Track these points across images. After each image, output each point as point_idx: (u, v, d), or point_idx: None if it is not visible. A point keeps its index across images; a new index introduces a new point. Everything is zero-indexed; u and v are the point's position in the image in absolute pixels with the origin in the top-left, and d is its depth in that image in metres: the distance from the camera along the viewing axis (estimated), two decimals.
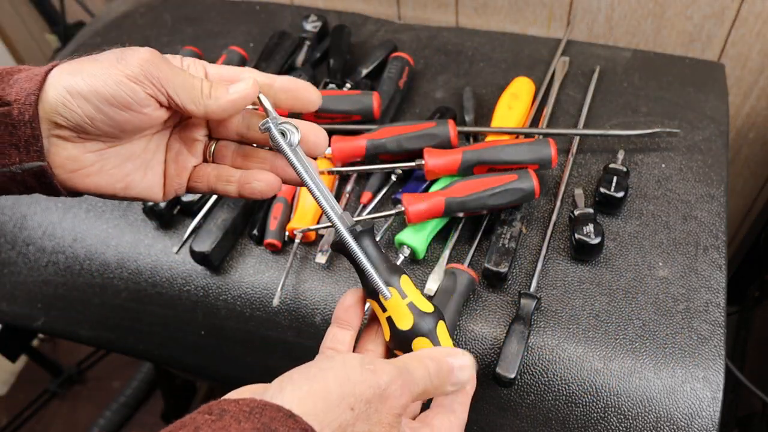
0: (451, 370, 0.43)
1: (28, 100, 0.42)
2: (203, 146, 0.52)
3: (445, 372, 0.42)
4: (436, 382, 0.42)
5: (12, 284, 0.84)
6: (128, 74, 0.43)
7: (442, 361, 0.42)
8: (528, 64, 0.94)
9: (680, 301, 0.66)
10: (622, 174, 0.74)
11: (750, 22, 0.96)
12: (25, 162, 0.44)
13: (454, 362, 0.43)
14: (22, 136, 0.43)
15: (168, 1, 1.15)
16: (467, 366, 0.43)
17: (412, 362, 0.41)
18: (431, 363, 0.42)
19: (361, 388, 0.37)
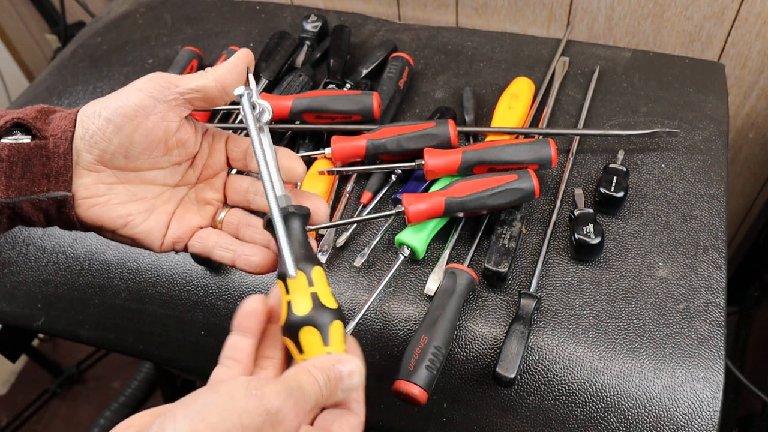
0: (340, 378, 0.42)
1: (65, 136, 0.47)
2: (214, 210, 0.55)
3: (335, 381, 0.42)
4: (327, 392, 0.41)
5: (12, 284, 0.84)
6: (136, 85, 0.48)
7: (331, 370, 0.42)
8: (528, 64, 0.94)
9: (680, 301, 0.67)
10: (622, 174, 0.74)
11: (750, 22, 0.96)
12: (52, 191, 0.48)
13: (343, 369, 0.42)
14: (54, 166, 0.47)
15: (168, 1, 1.15)
16: (356, 371, 0.43)
17: (301, 376, 0.41)
18: (320, 374, 0.41)
19: (248, 418, 0.36)
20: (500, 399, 0.66)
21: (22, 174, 0.46)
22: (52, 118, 0.48)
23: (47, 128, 0.48)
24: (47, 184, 0.47)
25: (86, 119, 0.48)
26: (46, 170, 0.47)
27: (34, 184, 0.47)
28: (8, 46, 1.81)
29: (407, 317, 0.69)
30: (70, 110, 0.49)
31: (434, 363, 0.60)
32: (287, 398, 0.38)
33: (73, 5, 1.50)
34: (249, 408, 0.37)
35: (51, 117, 0.49)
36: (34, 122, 0.47)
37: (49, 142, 0.47)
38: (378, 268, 0.72)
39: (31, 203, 0.47)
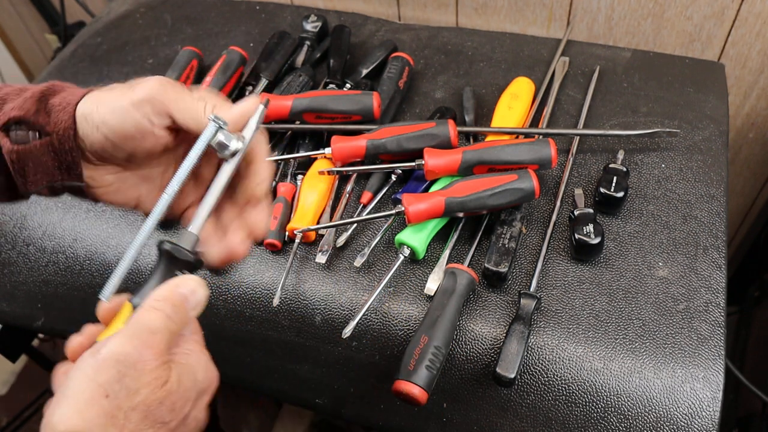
0: (185, 299, 0.44)
1: (67, 133, 0.47)
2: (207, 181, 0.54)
3: (180, 304, 0.43)
4: (178, 318, 0.43)
5: (12, 284, 0.84)
6: (133, 101, 0.47)
7: (174, 296, 0.43)
8: (528, 64, 0.94)
9: (680, 301, 0.67)
10: (622, 174, 0.74)
11: (750, 22, 0.96)
12: (66, 181, 0.49)
13: (185, 290, 0.44)
14: (63, 161, 0.48)
15: (168, 1, 1.15)
16: (197, 287, 0.45)
17: (143, 315, 0.42)
18: (165, 305, 0.42)
19: (102, 375, 0.38)
20: (500, 399, 0.66)
21: (35, 170, 0.48)
22: (51, 107, 0.48)
23: (48, 121, 0.47)
24: (60, 175, 0.49)
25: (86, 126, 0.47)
26: (56, 164, 0.48)
27: (48, 175, 0.48)
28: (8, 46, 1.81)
29: (407, 317, 0.69)
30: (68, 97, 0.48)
31: (434, 363, 0.60)
32: (131, 340, 0.39)
33: (73, 5, 1.50)
34: (98, 367, 0.38)
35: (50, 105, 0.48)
36: (35, 118, 0.47)
37: (53, 138, 0.47)
38: (378, 268, 0.72)
39: (48, 189, 0.49)
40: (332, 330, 0.71)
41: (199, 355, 0.44)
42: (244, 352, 0.76)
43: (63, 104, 0.48)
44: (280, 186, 0.78)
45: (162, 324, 0.41)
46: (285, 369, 0.75)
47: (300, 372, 0.74)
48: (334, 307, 0.71)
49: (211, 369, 0.44)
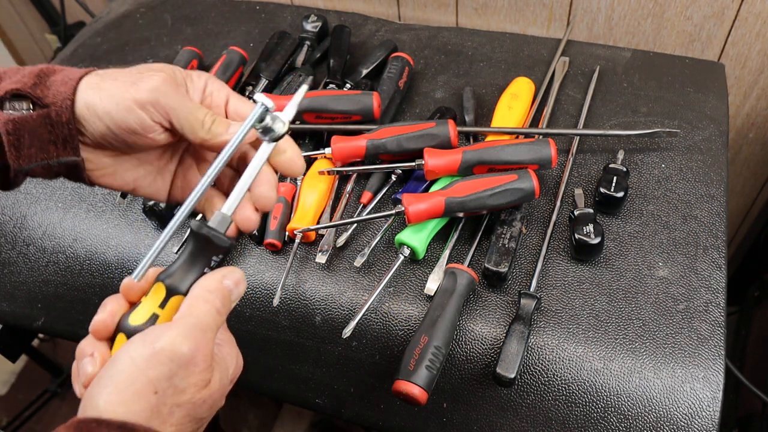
0: (230, 291, 0.45)
1: (65, 104, 0.46)
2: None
3: (228, 297, 0.45)
4: (225, 311, 0.44)
5: (12, 284, 0.84)
6: (137, 100, 0.47)
7: (222, 290, 0.45)
8: (528, 64, 0.94)
9: (680, 301, 0.67)
10: (622, 174, 0.74)
11: (750, 22, 0.96)
12: (62, 156, 0.48)
13: (230, 283, 0.46)
14: (59, 134, 0.47)
15: (168, 1, 1.15)
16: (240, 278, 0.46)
17: (197, 309, 0.43)
18: (215, 298, 0.44)
19: (154, 372, 0.39)
20: (500, 399, 0.66)
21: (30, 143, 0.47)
22: (51, 81, 0.47)
23: (47, 94, 0.47)
24: (56, 150, 0.48)
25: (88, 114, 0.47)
26: (52, 137, 0.47)
27: (43, 151, 0.48)
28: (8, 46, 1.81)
29: (407, 317, 0.69)
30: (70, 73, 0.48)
31: (434, 363, 0.60)
32: (186, 340, 0.40)
33: (73, 5, 1.50)
34: (152, 361, 0.39)
35: (51, 80, 0.48)
36: (33, 90, 0.47)
37: (51, 110, 0.46)
38: (378, 268, 0.72)
39: (42, 168, 0.48)
40: (332, 330, 0.71)
41: (230, 346, 0.45)
42: (244, 352, 0.76)
43: (65, 79, 0.47)
44: (280, 186, 0.78)
45: (213, 320, 0.43)
46: (285, 369, 0.75)
47: (300, 372, 0.74)
48: (334, 307, 0.71)
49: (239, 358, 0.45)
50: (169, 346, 0.40)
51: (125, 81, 0.47)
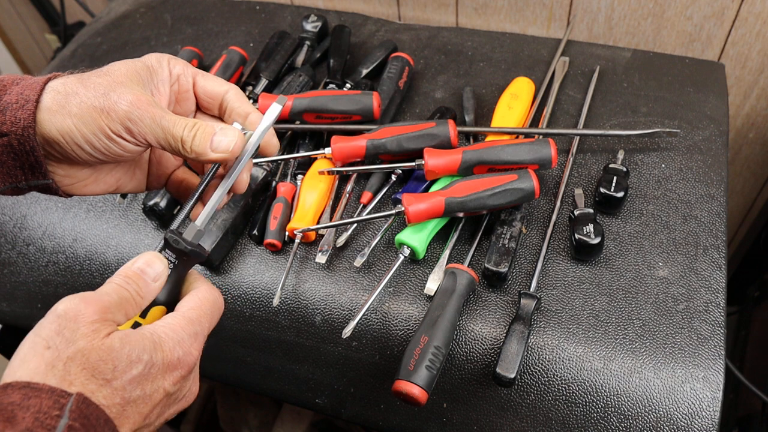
0: (140, 270, 0.45)
1: (26, 133, 0.44)
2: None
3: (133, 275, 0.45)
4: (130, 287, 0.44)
5: (12, 284, 0.84)
6: (114, 130, 0.45)
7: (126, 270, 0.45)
8: (528, 64, 0.94)
9: (680, 301, 0.67)
10: (622, 174, 0.74)
11: (750, 22, 0.96)
12: (30, 180, 0.47)
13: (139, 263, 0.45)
14: (25, 162, 0.46)
15: (168, 1, 1.15)
16: (152, 259, 0.46)
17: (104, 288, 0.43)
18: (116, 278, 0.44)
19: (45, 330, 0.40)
20: (500, 399, 0.66)
21: None
22: (5, 104, 0.44)
23: (4, 120, 0.44)
24: (23, 174, 0.46)
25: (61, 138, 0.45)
26: (18, 164, 0.46)
27: (11, 176, 0.46)
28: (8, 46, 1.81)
29: (407, 317, 0.69)
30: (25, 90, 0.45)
31: (434, 363, 0.60)
32: (73, 300, 0.41)
33: (73, 5, 1.50)
34: (42, 323, 0.40)
35: (3, 101, 0.45)
36: None
37: (11, 138, 0.44)
38: (378, 268, 0.72)
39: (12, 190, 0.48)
40: (332, 330, 0.71)
41: (174, 330, 0.44)
42: (244, 352, 0.76)
43: (20, 101, 0.45)
44: (280, 186, 0.78)
45: (109, 289, 0.43)
46: (285, 369, 0.75)
47: (300, 372, 0.74)
48: (334, 307, 0.71)
49: (185, 346, 0.44)
50: (58, 306, 0.40)
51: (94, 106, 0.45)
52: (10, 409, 0.35)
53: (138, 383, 0.40)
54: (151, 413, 0.42)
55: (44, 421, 0.35)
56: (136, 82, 0.47)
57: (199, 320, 0.46)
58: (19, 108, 0.44)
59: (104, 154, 0.46)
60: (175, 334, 0.43)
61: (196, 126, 0.47)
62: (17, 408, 0.35)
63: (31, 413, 0.35)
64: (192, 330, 0.45)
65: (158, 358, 0.42)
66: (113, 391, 0.39)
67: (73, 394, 0.37)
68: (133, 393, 0.40)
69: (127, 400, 0.40)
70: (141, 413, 0.41)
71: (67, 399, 0.36)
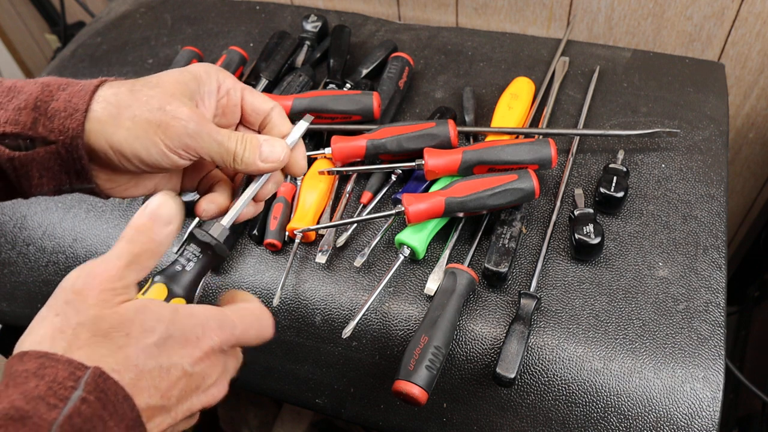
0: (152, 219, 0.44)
1: (74, 143, 0.44)
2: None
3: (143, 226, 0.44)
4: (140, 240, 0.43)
5: (12, 284, 0.84)
6: (168, 146, 0.45)
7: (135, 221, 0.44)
8: (528, 64, 0.94)
9: (680, 301, 0.67)
10: (622, 174, 0.74)
11: (750, 22, 0.96)
12: (75, 184, 0.47)
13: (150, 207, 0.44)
14: (71, 168, 0.45)
15: (168, 1, 1.15)
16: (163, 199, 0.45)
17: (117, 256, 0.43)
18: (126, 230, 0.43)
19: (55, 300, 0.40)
20: (500, 399, 0.66)
21: (39, 175, 0.46)
22: (53, 112, 0.44)
23: (52, 127, 0.44)
24: (68, 179, 0.46)
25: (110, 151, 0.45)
26: (64, 169, 0.46)
27: (55, 180, 0.46)
28: (8, 46, 1.81)
29: (407, 317, 0.69)
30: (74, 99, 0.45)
31: (434, 363, 0.60)
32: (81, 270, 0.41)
33: (73, 5, 1.50)
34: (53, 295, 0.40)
35: (51, 108, 0.44)
36: (33, 130, 0.44)
37: (59, 146, 0.44)
38: (378, 268, 0.72)
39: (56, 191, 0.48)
40: (332, 330, 0.71)
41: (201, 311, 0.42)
42: (244, 352, 0.76)
43: (68, 109, 0.44)
44: (280, 186, 0.78)
45: (119, 250, 0.42)
46: (285, 369, 0.75)
47: (300, 372, 0.74)
48: (334, 307, 0.71)
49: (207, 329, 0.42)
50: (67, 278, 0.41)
51: (149, 121, 0.45)
52: (25, 376, 0.35)
53: (152, 353, 0.39)
54: (169, 392, 0.40)
55: (57, 391, 0.34)
56: (186, 93, 0.48)
57: (233, 320, 0.44)
58: (67, 117, 0.44)
59: (151, 166, 0.46)
60: (200, 314, 0.42)
61: (245, 139, 0.49)
62: (31, 376, 0.35)
63: (45, 382, 0.35)
64: (221, 319, 0.43)
65: (176, 330, 0.40)
66: (125, 357, 0.38)
67: (90, 367, 0.36)
68: (148, 363, 0.39)
69: (140, 369, 0.38)
70: (158, 388, 0.39)
71: (83, 371, 0.36)
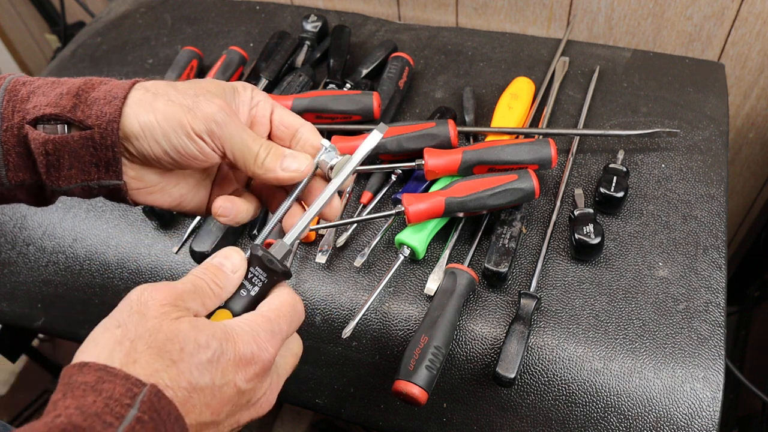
0: (219, 263, 0.46)
1: (110, 127, 0.45)
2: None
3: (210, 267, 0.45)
4: (206, 276, 0.44)
5: (12, 284, 0.84)
6: (195, 130, 0.46)
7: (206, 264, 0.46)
8: (528, 64, 0.94)
9: (680, 301, 0.67)
10: (622, 174, 0.74)
11: (750, 22, 0.96)
12: (103, 179, 0.47)
13: (218, 257, 0.46)
14: (102, 157, 0.46)
15: (168, 1, 1.15)
16: (230, 252, 0.46)
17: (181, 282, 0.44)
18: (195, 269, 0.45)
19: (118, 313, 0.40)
20: (500, 399, 0.66)
21: (69, 164, 0.46)
22: (93, 99, 0.45)
23: (90, 114, 0.45)
24: (97, 172, 0.47)
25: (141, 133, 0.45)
26: (94, 159, 0.46)
27: (84, 173, 0.46)
28: (8, 46, 1.81)
29: (407, 317, 0.69)
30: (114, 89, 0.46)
31: (434, 363, 0.60)
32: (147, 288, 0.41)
33: (73, 5, 1.50)
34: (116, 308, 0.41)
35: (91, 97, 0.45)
36: (73, 114, 0.45)
37: (95, 132, 0.45)
38: (378, 268, 0.72)
39: (81, 189, 0.47)
40: (332, 330, 0.71)
41: (250, 325, 0.43)
42: None
43: (108, 97, 0.45)
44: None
45: (185, 279, 0.43)
46: None
47: (300, 372, 0.74)
48: (334, 307, 0.71)
49: (260, 342, 0.42)
50: (131, 294, 0.41)
51: (181, 104, 0.46)
52: (83, 389, 0.35)
53: (206, 370, 0.39)
54: (220, 409, 0.40)
55: (114, 408, 0.35)
56: (221, 95, 0.49)
57: (278, 321, 0.44)
58: (106, 104, 0.45)
59: (179, 153, 0.47)
60: (250, 329, 0.42)
61: (270, 145, 0.50)
62: (90, 390, 0.35)
63: (103, 398, 0.35)
64: (269, 328, 0.43)
65: (229, 348, 0.41)
66: (179, 373, 0.38)
67: (147, 384, 0.36)
68: (201, 379, 0.39)
69: (193, 385, 0.39)
70: (209, 405, 0.39)
71: (140, 389, 0.36)
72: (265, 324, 0.43)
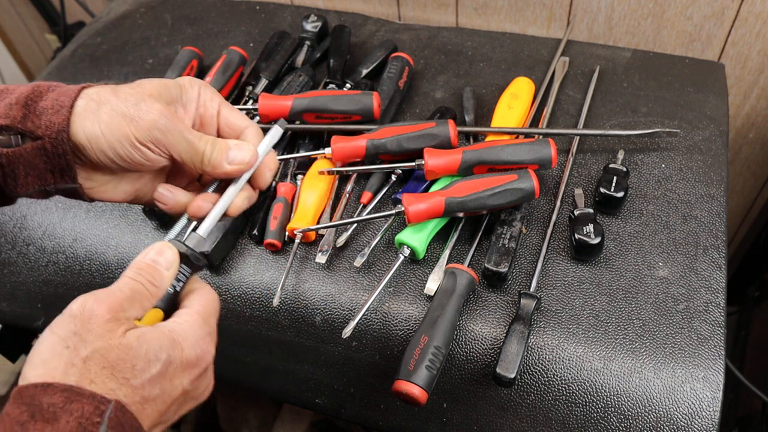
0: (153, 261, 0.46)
1: (60, 137, 0.46)
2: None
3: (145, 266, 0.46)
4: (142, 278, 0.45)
5: (12, 284, 0.84)
6: (139, 139, 0.47)
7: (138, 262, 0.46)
8: (528, 64, 0.94)
9: (680, 301, 0.67)
10: (622, 174, 0.74)
11: (750, 22, 0.96)
12: (59, 184, 0.48)
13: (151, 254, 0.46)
14: (56, 164, 0.47)
15: (168, 1, 1.15)
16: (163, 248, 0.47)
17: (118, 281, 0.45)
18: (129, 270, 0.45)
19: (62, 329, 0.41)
20: (500, 399, 0.66)
21: (26, 173, 0.47)
22: (41, 109, 0.47)
23: (39, 124, 0.46)
24: (53, 178, 0.48)
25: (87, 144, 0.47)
26: (49, 167, 0.47)
27: (40, 179, 0.48)
28: (8, 46, 1.81)
29: (407, 317, 0.69)
30: (61, 96, 0.47)
31: (434, 363, 0.60)
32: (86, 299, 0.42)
33: (73, 5, 1.50)
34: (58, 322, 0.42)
35: (40, 106, 0.47)
36: (23, 124, 0.46)
37: (45, 142, 0.46)
38: (378, 268, 0.72)
39: (39, 192, 0.49)
40: (332, 330, 0.71)
41: (193, 328, 0.45)
42: (244, 352, 0.76)
43: (55, 107, 0.47)
44: (280, 186, 0.78)
45: (122, 284, 0.44)
46: (285, 369, 0.75)
47: (300, 372, 0.74)
48: (334, 307, 0.71)
49: (203, 345, 0.45)
50: (72, 306, 0.42)
51: (123, 114, 0.47)
52: (52, 411, 0.36)
53: (157, 382, 0.41)
54: (168, 410, 0.43)
55: (87, 427, 0.36)
56: (164, 96, 0.50)
57: (210, 320, 0.47)
58: (54, 113, 0.46)
59: (126, 161, 0.48)
60: (193, 332, 0.44)
61: (215, 141, 0.51)
62: (60, 411, 0.36)
63: (74, 418, 0.36)
64: (207, 330, 0.46)
65: (176, 356, 0.42)
66: (133, 390, 0.40)
67: (112, 401, 0.38)
68: (152, 392, 0.41)
69: (146, 398, 0.41)
70: (159, 411, 0.42)
71: (106, 406, 0.37)
72: (204, 325, 0.45)
